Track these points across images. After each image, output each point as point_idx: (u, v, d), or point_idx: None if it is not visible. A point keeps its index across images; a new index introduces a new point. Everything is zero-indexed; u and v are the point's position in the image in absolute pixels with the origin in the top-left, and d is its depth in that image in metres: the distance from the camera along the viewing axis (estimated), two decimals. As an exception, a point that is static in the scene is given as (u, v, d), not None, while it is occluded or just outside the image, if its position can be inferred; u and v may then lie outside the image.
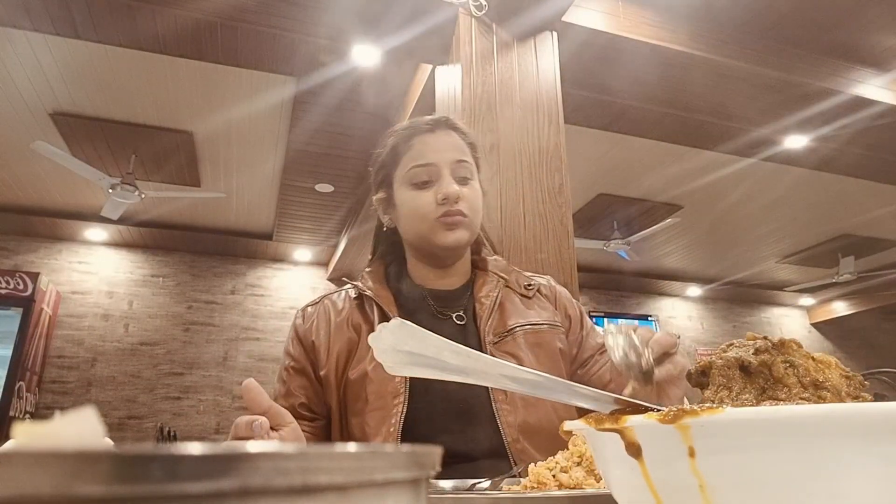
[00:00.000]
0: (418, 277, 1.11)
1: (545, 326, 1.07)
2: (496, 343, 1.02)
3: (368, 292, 1.06)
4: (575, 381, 0.99)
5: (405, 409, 0.94)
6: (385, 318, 1.01)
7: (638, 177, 4.83)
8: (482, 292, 1.07)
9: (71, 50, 3.29)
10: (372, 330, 1.00)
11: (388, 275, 1.13)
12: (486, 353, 0.96)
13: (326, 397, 1.02)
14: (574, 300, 1.18)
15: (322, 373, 1.02)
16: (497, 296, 1.07)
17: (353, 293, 1.09)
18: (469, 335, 1.03)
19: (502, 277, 1.11)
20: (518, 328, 1.04)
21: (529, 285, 1.13)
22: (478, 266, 1.14)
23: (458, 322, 1.05)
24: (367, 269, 1.14)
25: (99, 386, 5.66)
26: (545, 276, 1.20)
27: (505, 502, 0.53)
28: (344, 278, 1.16)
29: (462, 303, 1.08)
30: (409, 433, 0.93)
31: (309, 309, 1.11)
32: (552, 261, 2.17)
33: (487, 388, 0.95)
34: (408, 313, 1.05)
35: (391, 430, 0.92)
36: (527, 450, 0.93)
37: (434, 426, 0.95)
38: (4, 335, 5.14)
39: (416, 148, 1.06)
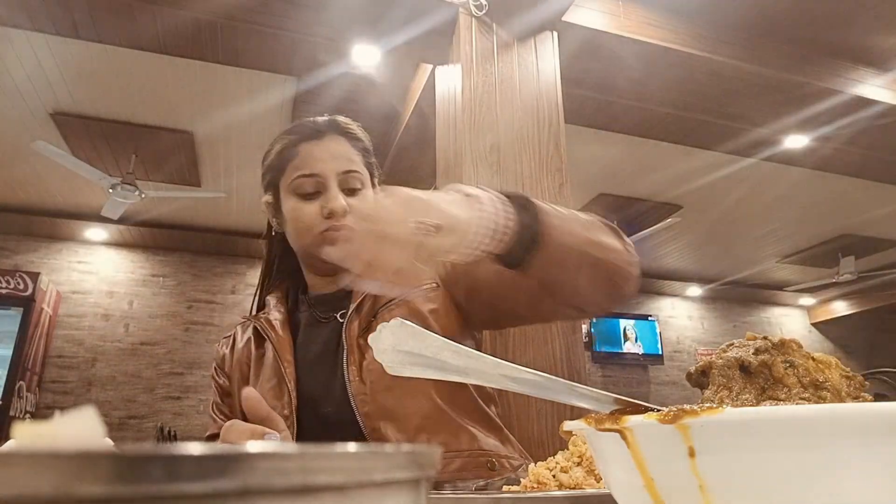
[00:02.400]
0: (309, 285, 1.11)
1: (411, 295, 1.02)
2: (360, 335, 0.98)
3: (262, 324, 1.05)
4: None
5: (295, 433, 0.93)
6: (278, 359, 1.00)
7: (638, 177, 4.83)
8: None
9: (71, 50, 3.29)
10: (261, 363, 1.01)
11: (287, 294, 1.12)
12: (346, 348, 0.97)
13: None
14: None
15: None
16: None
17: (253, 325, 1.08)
18: (344, 332, 1.01)
19: None
20: (382, 308, 1.00)
21: None
22: None
23: (341, 320, 1.02)
24: (271, 294, 1.12)
25: (99, 386, 5.66)
26: None
27: (505, 502, 0.53)
28: (244, 318, 1.14)
29: (347, 302, 1.05)
30: None
31: (223, 341, 1.13)
32: (552, 261, 2.17)
33: (345, 384, 0.94)
34: (298, 329, 1.05)
35: None
36: (385, 437, 0.92)
37: (301, 439, 0.94)
38: (4, 335, 5.14)
39: (300, 156, 1.02)
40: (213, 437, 1.04)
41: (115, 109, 3.91)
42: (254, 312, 1.15)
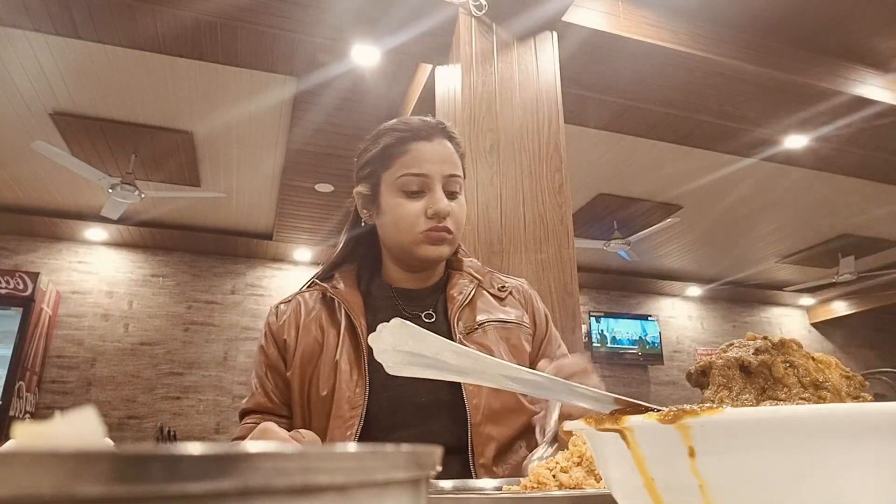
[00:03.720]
0: (389, 277, 1.11)
1: (513, 324, 1.08)
2: (466, 335, 1.02)
3: (338, 296, 1.05)
4: None
5: (363, 415, 0.94)
6: (350, 323, 1.02)
7: (638, 177, 4.84)
8: (455, 289, 1.09)
9: (71, 50, 3.29)
10: (338, 333, 1.02)
11: (359, 276, 1.13)
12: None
13: (291, 397, 1.03)
14: (543, 307, 1.17)
15: (288, 374, 1.03)
16: (470, 293, 1.08)
17: (325, 292, 1.09)
18: (438, 331, 1.01)
19: (476, 277, 1.12)
20: (488, 323, 1.05)
21: (503, 287, 1.14)
22: (452, 266, 1.15)
23: (427, 320, 1.05)
24: (340, 271, 1.13)
25: (99, 386, 5.67)
26: (519, 279, 1.21)
27: (505, 502, 0.53)
28: (316, 280, 1.13)
29: (432, 301, 1.09)
30: (368, 435, 0.94)
31: (282, 306, 1.11)
32: (552, 261, 2.18)
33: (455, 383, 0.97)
34: (374, 315, 1.05)
35: (349, 435, 0.93)
36: (489, 434, 0.95)
37: (393, 424, 0.96)
38: (4, 335, 5.14)
39: (410, 154, 1.03)
40: (248, 413, 1.03)
41: (114, 109, 3.91)
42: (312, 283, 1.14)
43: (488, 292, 1.12)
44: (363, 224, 1.11)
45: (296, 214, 5.41)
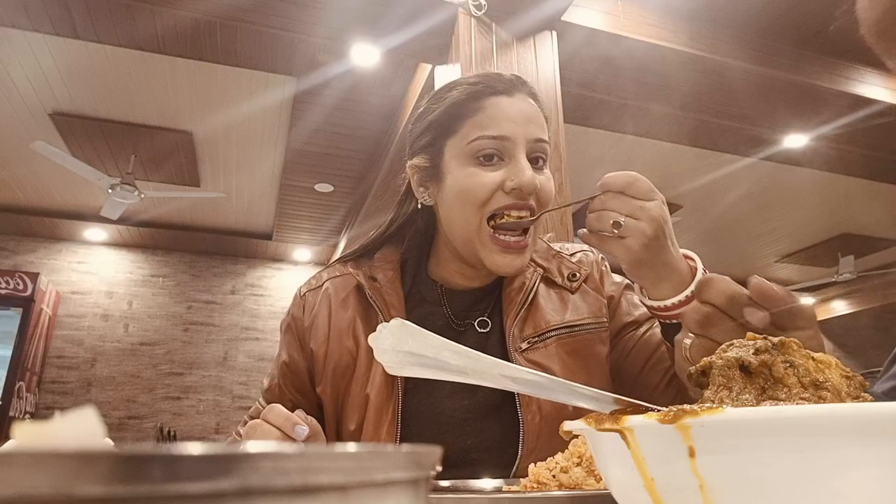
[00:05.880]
0: (438, 273, 0.92)
1: (586, 327, 0.88)
2: (524, 350, 0.84)
3: (377, 298, 0.87)
4: (626, 362, 0.93)
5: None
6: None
7: (638, 177, 4.83)
8: (513, 285, 0.89)
9: (71, 50, 3.29)
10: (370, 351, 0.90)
11: (404, 266, 0.93)
12: (511, 361, 0.74)
13: (319, 410, 0.90)
14: (613, 280, 0.97)
15: (318, 389, 0.88)
16: (532, 290, 0.88)
17: (359, 284, 0.90)
18: (492, 344, 0.86)
19: (541, 266, 0.92)
20: (553, 332, 0.86)
21: (574, 275, 0.92)
22: None
23: (481, 330, 0.88)
24: (381, 252, 0.94)
25: (99, 386, 5.67)
26: (584, 249, 0.98)
27: (505, 502, 0.53)
28: (351, 269, 0.92)
29: (488, 303, 0.91)
30: None
31: (309, 297, 0.93)
32: (552, 261, 2.18)
33: (497, 420, 0.84)
34: (417, 323, 0.89)
35: None
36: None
37: None
38: (4, 335, 5.14)
39: (487, 112, 0.81)
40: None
41: (114, 109, 3.91)
42: (344, 268, 0.95)
43: (556, 285, 0.91)
44: (418, 206, 0.90)
45: (295, 214, 5.41)
